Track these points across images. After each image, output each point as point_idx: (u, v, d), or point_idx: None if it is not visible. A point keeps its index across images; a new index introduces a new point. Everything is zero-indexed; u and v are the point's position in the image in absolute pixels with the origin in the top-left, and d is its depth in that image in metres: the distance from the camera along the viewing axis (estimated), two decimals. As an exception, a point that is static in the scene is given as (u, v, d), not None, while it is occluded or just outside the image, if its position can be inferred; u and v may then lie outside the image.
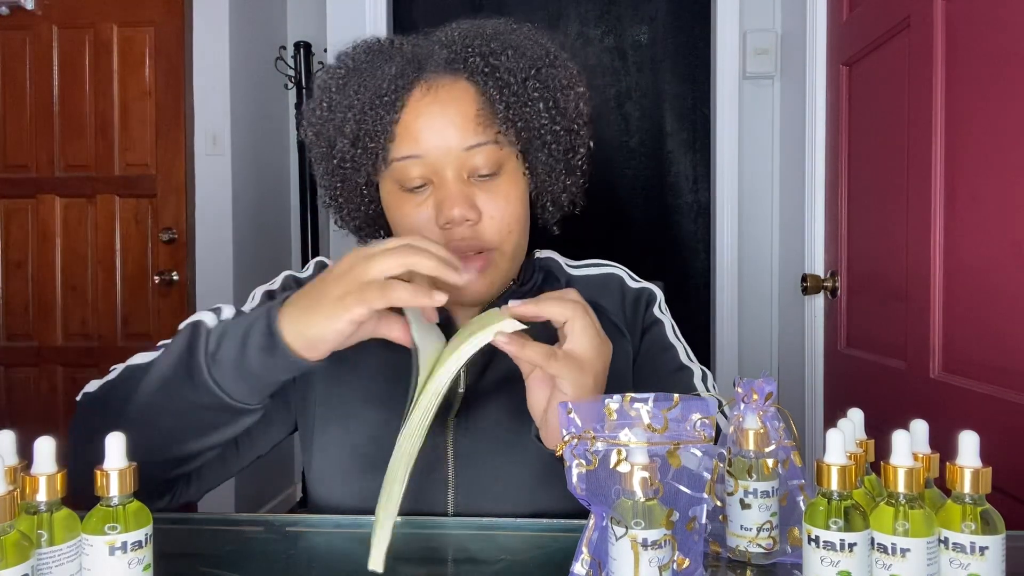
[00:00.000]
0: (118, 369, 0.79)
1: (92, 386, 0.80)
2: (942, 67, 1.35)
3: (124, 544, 0.49)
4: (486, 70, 0.78)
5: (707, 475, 0.54)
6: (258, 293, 0.89)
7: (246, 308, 0.87)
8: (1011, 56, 1.17)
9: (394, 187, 0.80)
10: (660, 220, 2.88)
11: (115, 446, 0.51)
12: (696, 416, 0.55)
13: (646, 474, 0.50)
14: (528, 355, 0.62)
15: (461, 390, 0.82)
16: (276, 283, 0.90)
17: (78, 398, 0.79)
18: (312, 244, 3.06)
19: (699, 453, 0.54)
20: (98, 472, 0.50)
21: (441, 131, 0.76)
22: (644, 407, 0.54)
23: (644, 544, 0.49)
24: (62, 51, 2.79)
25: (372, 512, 0.61)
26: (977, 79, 1.26)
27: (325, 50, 2.66)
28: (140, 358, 0.78)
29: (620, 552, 0.50)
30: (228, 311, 0.78)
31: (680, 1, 2.84)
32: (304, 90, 3.03)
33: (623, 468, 0.51)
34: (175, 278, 2.76)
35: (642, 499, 0.50)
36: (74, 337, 2.80)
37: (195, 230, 2.78)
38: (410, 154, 0.77)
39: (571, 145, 0.85)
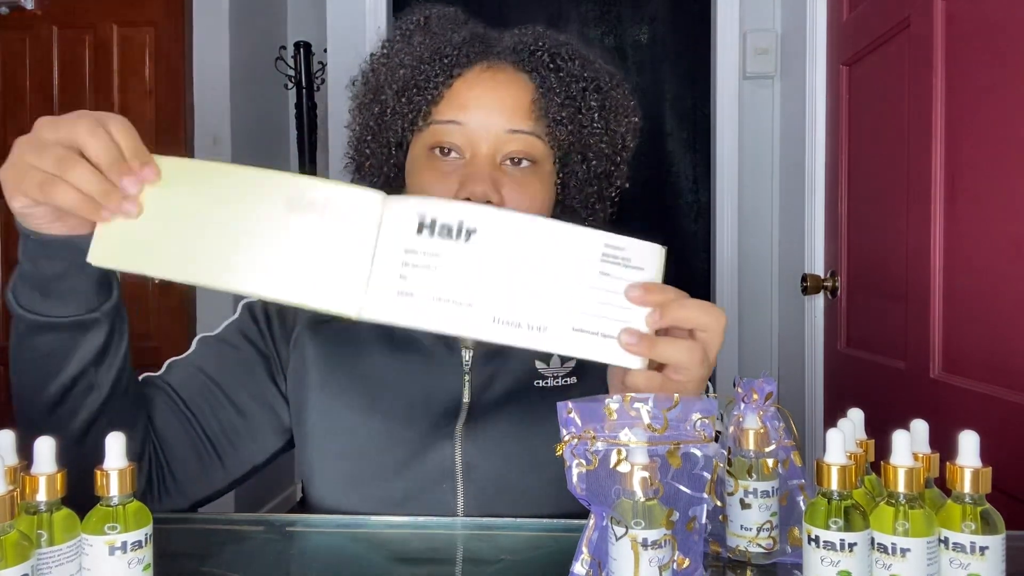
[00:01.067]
0: None
1: None
2: (942, 67, 1.35)
3: (124, 544, 0.49)
4: (551, 66, 0.78)
5: (707, 475, 0.54)
6: (240, 304, 0.87)
7: (229, 321, 0.87)
8: (1011, 56, 1.17)
9: (423, 150, 0.78)
10: (660, 220, 2.88)
11: (115, 446, 0.51)
12: (696, 416, 0.55)
13: (646, 474, 0.50)
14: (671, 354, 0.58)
15: (466, 400, 0.81)
16: None
17: None
18: (312, 244, 3.06)
19: (699, 453, 0.54)
20: (98, 472, 0.50)
21: (490, 107, 0.75)
22: (644, 407, 0.54)
23: (644, 544, 0.49)
24: (62, 51, 2.79)
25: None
26: (977, 79, 1.26)
27: (325, 50, 2.66)
28: None
29: (620, 552, 0.50)
30: None
31: (680, 1, 2.84)
32: (304, 90, 3.03)
33: (623, 468, 0.51)
34: (175, 278, 2.76)
35: (642, 499, 0.50)
36: (74, 337, 2.79)
37: (195, 230, 2.78)
38: (452, 119, 0.76)
39: (608, 172, 0.83)
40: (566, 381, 0.82)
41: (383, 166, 0.83)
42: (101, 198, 0.56)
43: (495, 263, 0.57)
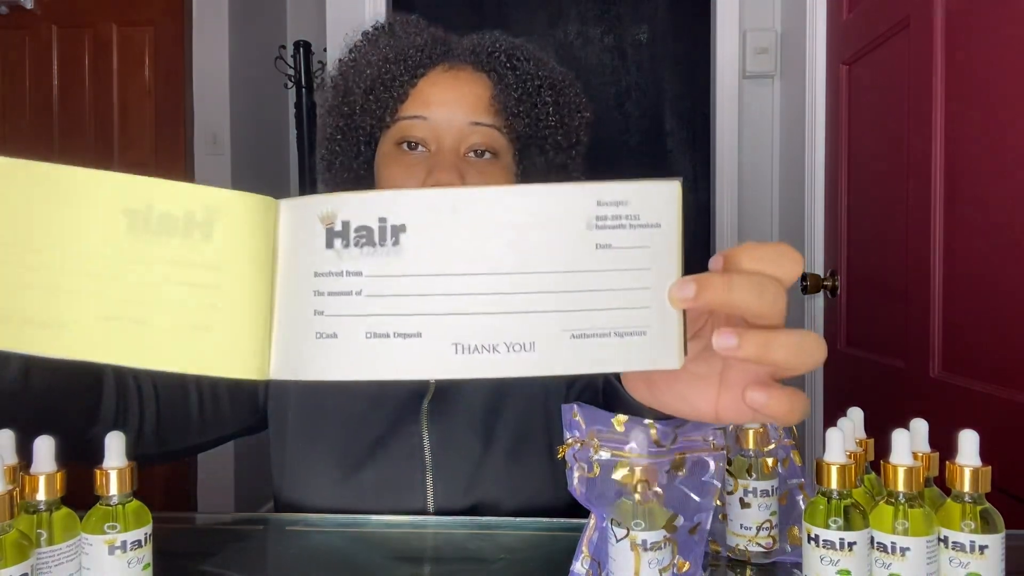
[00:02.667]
0: None
1: None
2: (942, 67, 1.35)
3: (124, 543, 0.49)
4: (508, 65, 0.83)
5: (716, 483, 0.54)
6: None
7: None
8: (1011, 56, 1.17)
9: (391, 146, 0.81)
10: (660, 220, 2.88)
11: (115, 445, 0.51)
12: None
13: (647, 479, 0.50)
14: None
15: (432, 380, 0.83)
16: None
17: None
18: (312, 244, 3.06)
19: (710, 461, 0.54)
20: (98, 472, 0.50)
21: (452, 103, 0.80)
22: (656, 424, 0.53)
23: (644, 546, 0.49)
24: (62, 51, 2.79)
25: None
26: (977, 79, 1.26)
27: (325, 50, 2.66)
28: None
29: (620, 553, 0.50)
30: None
31: (680, 1, 2.84)
32: (304, 89, 3.03)
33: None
34: (175, 278, 2.76)
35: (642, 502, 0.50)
36: (74, 337, 2.79)
37: (195, 230, 2.78)
38: (417, 114, 0.80)
39: (564, 164, 0.88)
40: None
41: (352, 163, 0.87)
42: None
43: (442, 268, 0.38)
